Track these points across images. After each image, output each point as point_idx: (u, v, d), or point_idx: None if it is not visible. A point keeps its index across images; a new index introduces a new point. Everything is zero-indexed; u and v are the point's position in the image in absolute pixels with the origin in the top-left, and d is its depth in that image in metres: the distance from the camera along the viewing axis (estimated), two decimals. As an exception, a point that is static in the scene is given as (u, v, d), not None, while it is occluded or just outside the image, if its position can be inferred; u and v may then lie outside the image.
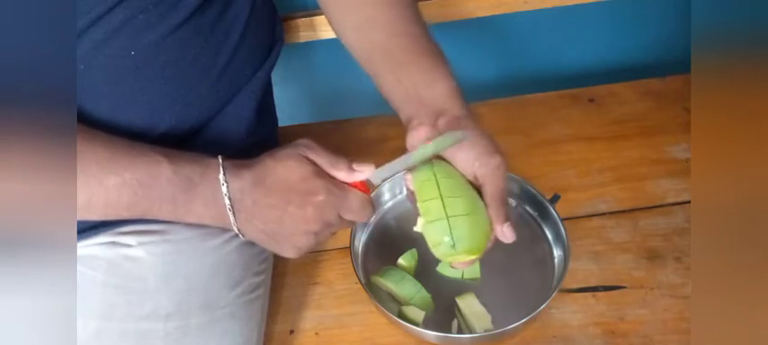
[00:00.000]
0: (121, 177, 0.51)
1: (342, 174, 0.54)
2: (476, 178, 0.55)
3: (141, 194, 0.51)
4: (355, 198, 0.54)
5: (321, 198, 0.52)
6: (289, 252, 0.56)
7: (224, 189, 0.52)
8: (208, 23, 0.58)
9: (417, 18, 0.63)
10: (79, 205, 0.51)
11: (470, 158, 0.54)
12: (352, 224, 0.56)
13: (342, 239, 0.72)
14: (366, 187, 0.56)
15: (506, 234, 0.53)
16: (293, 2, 0.87)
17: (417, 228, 0.55)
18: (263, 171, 0.53)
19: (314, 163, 0.53)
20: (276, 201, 0.52)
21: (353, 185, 0.55)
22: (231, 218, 0.53)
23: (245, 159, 0.55)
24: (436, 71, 0.58)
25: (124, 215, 0.53)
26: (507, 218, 0.53)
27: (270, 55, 0.67)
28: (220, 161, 0.53)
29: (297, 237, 0.54)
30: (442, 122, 0.55)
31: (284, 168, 0.53)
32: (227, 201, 0.52)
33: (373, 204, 0.56)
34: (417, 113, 0.56)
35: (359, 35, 0.63)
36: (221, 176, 0.52)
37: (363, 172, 0.54)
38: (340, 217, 0.54)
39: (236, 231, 0.54)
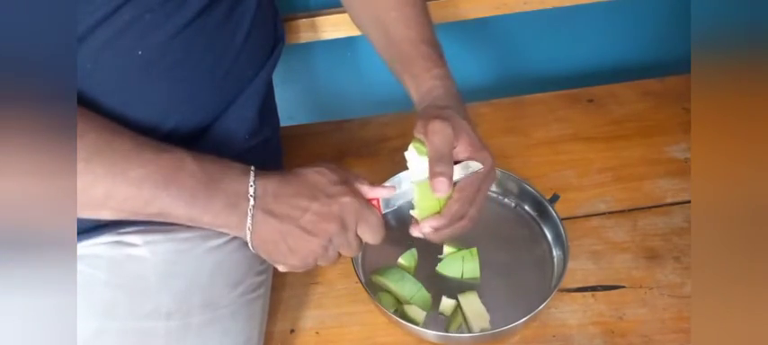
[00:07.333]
0: (145, 169, 0.51)
1: (364, 188, 0.58)
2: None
3: (162, 188, 0.52)
4: (375, 215, 0.57)
5: (348, 199, 0.55)
6: (293, 260, 0.56)
7: (251, 180, 0.54)
8: (213, 23, 0.58)
9: (417, 20, 0.66)
10: (98, 198, 0.51)
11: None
12: (359, 247, 0.58)
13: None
14: (381, 210, 0.59)
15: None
16: (294, 2, 0.87)
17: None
18: (293, 173, 0.57)
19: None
20: (302, 198, 0.55)
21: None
22: (248, 216, 0.53)
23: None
24: (423, 75, 0.63)
25: (141, 211, 0.52)
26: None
27: (272, 55, 0.67)
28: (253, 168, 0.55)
29: (311, 241, 0.54)
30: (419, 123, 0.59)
31: (316, 172, 0.56)
32: (251, 198, 0.53)
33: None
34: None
35: (372, 36, 0.70)
36: (252, 174, 0.54)
37: (385, 189, 0.58)
38: (355, 233, 0.56)
39: (247, 233, 0.54)
